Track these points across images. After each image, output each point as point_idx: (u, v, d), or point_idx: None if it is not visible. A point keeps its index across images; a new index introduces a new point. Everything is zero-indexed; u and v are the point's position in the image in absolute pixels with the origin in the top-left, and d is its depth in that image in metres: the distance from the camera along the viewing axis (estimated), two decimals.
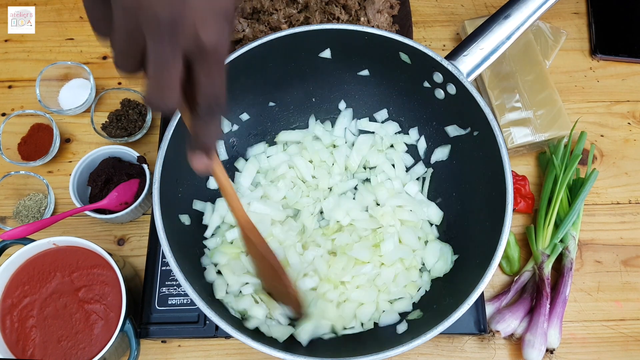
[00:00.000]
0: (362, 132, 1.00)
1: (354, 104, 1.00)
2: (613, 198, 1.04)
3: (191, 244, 0.87)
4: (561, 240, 0.95)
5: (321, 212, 0.93)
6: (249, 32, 1.11)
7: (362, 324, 0.85)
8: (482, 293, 0.77)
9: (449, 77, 0.85)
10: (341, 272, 0.84)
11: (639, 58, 1.12)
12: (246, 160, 0.97)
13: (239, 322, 0.75)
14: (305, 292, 0.83)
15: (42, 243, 0.85)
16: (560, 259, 0.95)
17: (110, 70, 1.14)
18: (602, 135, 1.09)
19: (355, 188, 0.96)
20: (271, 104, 0.98)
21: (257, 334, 0.73)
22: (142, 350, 0.90)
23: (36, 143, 1.04)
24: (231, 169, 0.96)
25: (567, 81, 1.14)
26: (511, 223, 0.77)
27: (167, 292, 0.90)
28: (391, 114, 0.99)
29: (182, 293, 0.90)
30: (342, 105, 1.00)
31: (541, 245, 0.95)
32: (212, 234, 0.90)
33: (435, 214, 0.93)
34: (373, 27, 1.07)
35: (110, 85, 1.13)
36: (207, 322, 0.88)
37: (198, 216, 0.91)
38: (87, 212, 0.93)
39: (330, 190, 0.95)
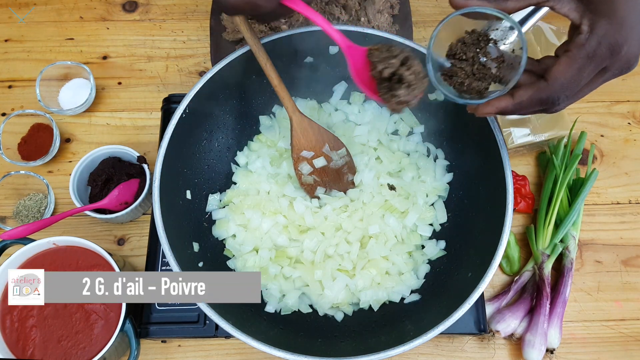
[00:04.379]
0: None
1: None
2: (613, 198, 1.04)
3: (191, 243, 0.87)
4: (561, 240, 0.95)
5: None
6: None
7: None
8: (482, 293, 0.77)
9: None
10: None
11: None
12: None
13: (238, 322, 0.75)
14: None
15: (42, 243, 0.85)
16: (560, 259, 0.95)
17: (110, 70, 1.14)
18: (602, 135, 1.09)
19: None
20: (276, 106, 0.99)
21: (255, 332, 0.74)
22: (142, 350, 0.90)
23: (36, 143, 1.04)
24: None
25: None
26: (511, 223, 0.77)
27: None
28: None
29: None
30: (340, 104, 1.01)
31: (541, 245, 0.94)
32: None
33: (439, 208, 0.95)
34: (373, 27, 1.07)
35: (110, 85, 1.13)
36: (207, 322, 0.88)
37: (199, 215, 0.92)
38: (87, 212, 0.93)
39: None
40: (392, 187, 0.93)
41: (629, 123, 1.10)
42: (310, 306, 0.88)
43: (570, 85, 0.63)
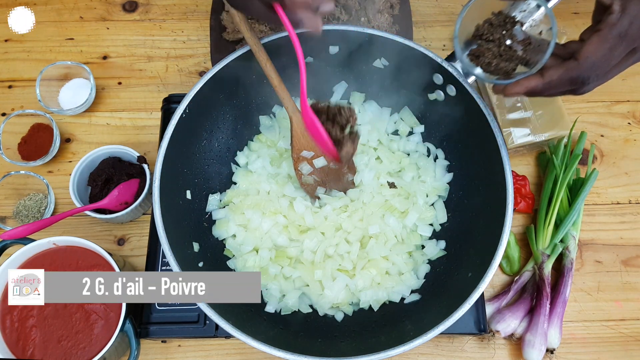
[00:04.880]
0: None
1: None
2: (613, 198, 1.04)
3: (191, 243, 0.87)
4: (561, 240, 0.95)
5: None
6: None
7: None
8: (482, 293, 0.77)
9: (449, 78, 0.85)
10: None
11: None
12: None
13: (239, 322, 0.75)
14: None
15: (42, 243, 0.85)
16: (560, 259, 0.95)
17: (110, 70, 1.14)
18: (602, 135, 1.09)
19: None
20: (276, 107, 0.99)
21: (255, 332, 0.74)
22: (142, 350, 0.90)
23: (36, 143, 1.04)
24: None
25: None
26: (511, 223, 0.77)
27: None
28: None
29: None
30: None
31: (541, 245, 0.94)
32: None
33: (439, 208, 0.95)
34: (373, 27, 1.07)
35: (110, 85, 1.13)
36: (207, 322, 0.88)
37: (199, 215, 0.92)
38: (87, 212, 0.93)
39: None
40: (392, 185, 0.94)
41: (629, 123, 1.10)
42: (310, 306, 0.88)
43: (601, 65, 0.63)
